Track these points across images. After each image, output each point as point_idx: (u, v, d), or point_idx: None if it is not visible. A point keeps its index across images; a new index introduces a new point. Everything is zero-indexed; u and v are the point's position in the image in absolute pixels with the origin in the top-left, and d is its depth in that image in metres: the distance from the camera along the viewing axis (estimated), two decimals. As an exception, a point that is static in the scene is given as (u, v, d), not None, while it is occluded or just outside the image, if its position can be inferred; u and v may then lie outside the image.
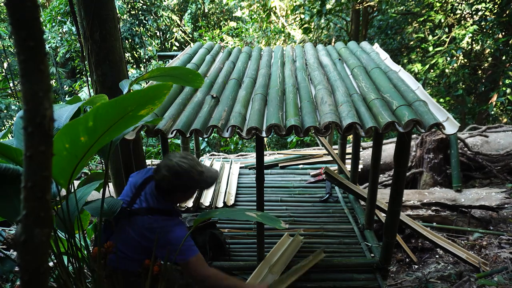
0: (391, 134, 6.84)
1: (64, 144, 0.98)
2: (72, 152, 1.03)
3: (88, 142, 1.02)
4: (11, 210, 1.17)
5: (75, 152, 1.04)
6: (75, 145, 1.01)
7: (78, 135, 0.98)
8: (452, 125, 1.75)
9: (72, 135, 0.98)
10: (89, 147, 1.04)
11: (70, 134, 0.97)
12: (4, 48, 7.33)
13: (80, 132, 0.97)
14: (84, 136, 0.99)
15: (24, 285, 0.61)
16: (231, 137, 5.99)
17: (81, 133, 0.98)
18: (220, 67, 2.89)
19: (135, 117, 1.04)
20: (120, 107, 0.96)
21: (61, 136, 0.96)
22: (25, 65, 0.56)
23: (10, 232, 3.11)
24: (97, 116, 0.95)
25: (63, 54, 8.33)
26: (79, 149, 1.03)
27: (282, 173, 4.36)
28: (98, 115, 0.95)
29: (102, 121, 0.97)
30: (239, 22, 11.60)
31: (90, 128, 0.97)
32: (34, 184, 0.59)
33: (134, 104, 0.98)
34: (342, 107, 1.98)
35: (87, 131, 0.98)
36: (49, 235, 0.61)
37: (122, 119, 1.00)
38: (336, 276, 2.60)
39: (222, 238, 2.81)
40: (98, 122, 0.97)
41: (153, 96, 1.03)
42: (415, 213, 3.82)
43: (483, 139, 4.90)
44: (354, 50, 3.05)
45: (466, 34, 5.78)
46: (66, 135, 0.96)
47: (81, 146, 1.02)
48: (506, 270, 2.89)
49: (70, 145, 1.00)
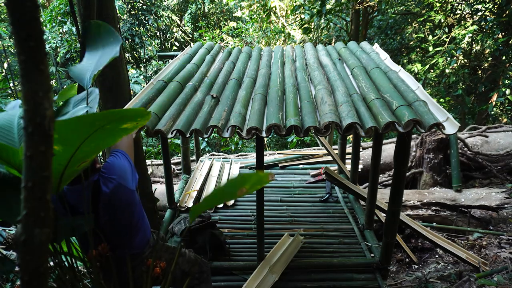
0: (391, 134, 6.84)
1: None
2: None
3: (66, 150, 0.98)
4: (9, 212, 1.16)
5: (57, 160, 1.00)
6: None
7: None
8: (452, 125, 1.75)
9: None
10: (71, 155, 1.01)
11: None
12: (4, 48, 7.33)
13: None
14: (57, 146, 0.95)
15: (24, 285, 0.61)
16: (231, 137, 5.99)
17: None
18: (220, 67, 2.89)
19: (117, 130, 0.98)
20: (83, 123, 0.91)
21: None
22: (25, 65, 0.56)
23: (10, 232, 3.11)
24: (59, 129, 0.89)
25: (63, 54, 8.33)
26: (58, 157, 0.99)
27: (282, 173, 4.36)
28: (59, 129, 0.89)
29: (67, 133, 0.92)
30: (239, 22, 11.60)
31: (58, 139, 0.92)
32: (34, 184, 0.59)
33: (103, 120, 0.92)
34: (342, 107, 1.98)
35: (57, 141, 0.92)
36: (49, 235, 0.61)
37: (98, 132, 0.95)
38: (336, 276, 2.60)
39: (222, 238, 2.81)
40: (63, 134, 0.92)
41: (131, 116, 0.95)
42: (415, 213, 3.82)
43: (483, 139, 4.90)
44: (354, 50, 3.05)
45: (466, 34, 5.78)
46: None
47: (60, 155, 0.98)
48: (506, 270, 2.89)
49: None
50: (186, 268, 1.93)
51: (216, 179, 4.07)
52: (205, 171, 4.19)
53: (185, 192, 3.73)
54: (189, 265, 1.95)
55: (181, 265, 1.90)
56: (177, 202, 3.52)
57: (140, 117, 0.95)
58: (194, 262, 1.98)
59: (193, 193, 3.69)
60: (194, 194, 3.66)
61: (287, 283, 2.54)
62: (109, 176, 1.54)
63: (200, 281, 2.01)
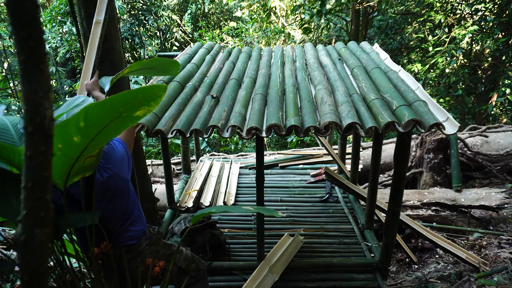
0: (391, 134, 6.84)
1: (56, 145, 0.97)
2: (66, 153, 1.02)
3: (82, 142, 1.00)
4: (10, 211, 1.17)
5: (69, 153, 1.03)
6: (68, 146, 1.00)
7: (70, 136, 0.97)
8: (452, 125, 1.75)
9: (64, 135, 0.96)
10: (84, 147, 1.03)
11: (63, 135, 0.96)
12: (4, 48, 7.33)
13: (72, 132, 0.96)
14: (77, 136, 0.98)
15: (24, 285, 0.61)
16: (231, 137, 5.99)
17: (73, 133, 0.97)
18: (220, 67, 2.89)
19: (130, 117, 1.02)
20: (110, 108, 0.95)
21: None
22: (25, 65, 0.56)
23: (10, 232, 3.11)
24: (88, 117, 0.94)
25: (63, 54, 8.33)
26: (73, 149, 1.02)
27: (282, 173, 4.36)
28: (89, 116, 0.94)
29: (94, 121, 0.96)
30: (239, 22, 11.60)
31: (82, 128, 0.95)
32: (34, 184, 0.59)
33: (126, 105, 0.96)
34: (342, 107, 1.98)
35: (79, 131, 0.96)
36: (49, 235, 0.61)
37: (116, 120, 0.99)
38: (336, 276, 2.61)
39: (222, 238, 2.81)
40: (89, 122, 0.95)
41: (147, 97, 1.01)
42: (415, 213, 3.82)
43: (483, 139, 4.90)
44: (354, 50, 3.05)
45: (466, 34, 5.78)
46: (58, 136, 0.94)
47: (75, 146, 1.01)
48: (506, 270, 2.89)
49: (63, 145, 0.99)
50: (183, 265, 1.93)
51: (216, 179, 4.07)
52: (205, 171, 4.19)
53: (185, 192, 3.73)
54: (185, 262, 1.95)
55: (178, 262, 1.91)
56: (177, 202, 3.52)
57: (153, 100, 0.98)
58: (191, 260, 1.98)
59: (193, 193, 3.69)
60: (194, 194, 3.66)
61: (287, 283, 2.54)
62: (104, 165, 1.54)
63: (196, 279, 2.01)
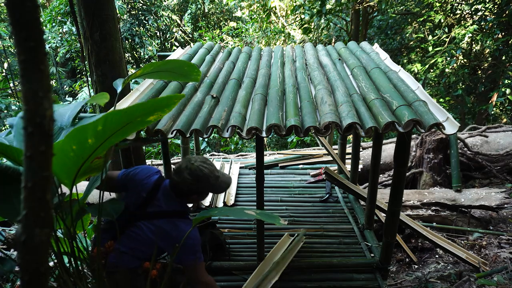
0: (391, 134, 6.84)
1: (71, 146, 1.03)
2: (78, 153, 1.08)
3: (95, 144, 1.06)
4: (11, 210, 1.18)
5: (82, 154, 1.09)
6: (82, 147, 1.06)
7: (86, 138, 1.03)
8: (452, 125, 1.75)
9: (80, 137, 1.02)
10: (95, 148, 1.06)
11: (79, 137, 1.02)
12: (4, 48, 7.33)
13: (89, 135, 1.02)
14: (91, 139, 1.03)
15: (25, 285, 0.61)
16: (231, 137, 5.98)
17: (89, 136, 1.03)
18: (220, 67, 2.89)
19: (143, 122, 1.08)
20: (130, 115, 1.01)
21: (69, 138, 1.01)
22: (25, 65, 0.56)
23: (10, 232, 3.11)
24: (107, 122, 1.00)
25: (63, 54, 8.33)
26: (85, 150, 1.08)
27: (282, 173, 4.36)
28: (108, 121, 0.99)
29: (112, 126, 1.02)
30: (239, 22, 11.61)
31: (99, 131, 1.01)
32: (34, 184, 0.59)
33: (145, 113, 1.03)
34: (342, 107, 1.98)
35: (95, 134, 1.02)
36: (49, 235, 0.61)
37: (129, 124, 1.05)
38: (336, 276, 2.60)
39: (222, 238, 2.81)
40: (107, 127, 1.01)
41: (164, 104, 1.07)
42: (415, 213, 3.82)
43: (482, 139, 4.90)
44: (354, 50, 3.05)
45: (466, 34, 5.78)
46: (74, 138, 1.01)
47: (88, 148, 1.07)
48: (506, 270, 2.89)
49: (78, 146, 1.05)
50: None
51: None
52: (205, 171, 4.18)
53: (185, 192, 3.73)
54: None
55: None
56: (177, 202, 3.51)
57: (168, 107, 1.05)
58: None
59: (193, 193, 3.69)
60: (194, 194, 3.66)
61: (287, 283, 2.54)
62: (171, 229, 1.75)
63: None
